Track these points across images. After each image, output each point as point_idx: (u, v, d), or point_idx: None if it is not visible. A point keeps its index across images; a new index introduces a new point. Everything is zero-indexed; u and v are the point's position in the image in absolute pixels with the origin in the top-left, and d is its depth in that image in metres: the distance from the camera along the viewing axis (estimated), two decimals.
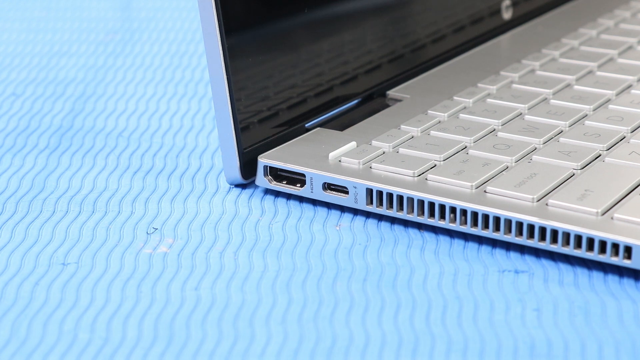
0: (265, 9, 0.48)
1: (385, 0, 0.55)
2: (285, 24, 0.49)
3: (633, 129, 0.48)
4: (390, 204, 0.43)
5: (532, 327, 0.36)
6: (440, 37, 0.58)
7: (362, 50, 0.53)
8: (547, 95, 0.53)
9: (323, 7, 0.51)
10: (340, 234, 0.43)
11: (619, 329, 0.36)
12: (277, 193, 0.47)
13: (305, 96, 0.49)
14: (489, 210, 0.41)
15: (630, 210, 0.40)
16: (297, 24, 0.50)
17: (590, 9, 0.67)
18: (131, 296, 0.39)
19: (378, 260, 0.41)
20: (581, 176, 0.43)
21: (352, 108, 0.52)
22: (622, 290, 0.39)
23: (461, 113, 0.50)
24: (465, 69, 0.56)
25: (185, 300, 0.38)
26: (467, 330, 0.36)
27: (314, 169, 0.45)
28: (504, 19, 0.63)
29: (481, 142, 0.47)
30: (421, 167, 0.44)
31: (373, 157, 0.45)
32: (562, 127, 0.48)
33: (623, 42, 0.60)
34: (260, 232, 0.43)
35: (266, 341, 0.36)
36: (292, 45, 0.49)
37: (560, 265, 0.40)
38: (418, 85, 0.54)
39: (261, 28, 0.47)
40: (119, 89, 0.60)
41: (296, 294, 0.39)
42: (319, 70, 0.50)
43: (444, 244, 0.42)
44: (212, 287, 0.39)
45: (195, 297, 0.39)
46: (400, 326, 0.37)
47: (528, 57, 0.58)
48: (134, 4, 0.76)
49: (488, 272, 0.40)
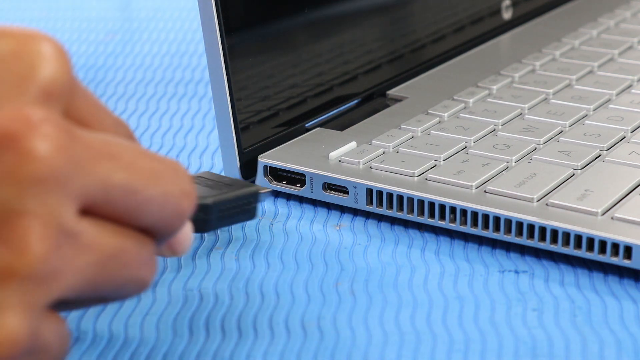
0: (265, 9, 0.48)
1: (385, 0, 0.55)
2: (285, 23, 0.49)
3: (633, 129, 0.48)
4: (390, 204, 0.43)
5: (533, 327, 0.36)
6: (440, 37, 0.58)
7: (362, 50, 0.53)
8: (547, 95, 0.53)
9: (323, 7, 0.51)
10: (341, 234, 0.43)
11: (619, 328, 0.36)
12: (277, 193, 0.47)
13: (305, 96, 0.49)
14: (489, 210, 0.41)
15: (631, 210, 0.40)
16: (297, 23, 0.49)
17: (590, 9, 0.67)
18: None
19: (379, 260, 0.41)
20: (581, 176, 0.43)
21: (352, 108, 0.52)
22: (622, 290, 0.39)
23: (461, 113, 0.50)
24: (466, 69, 0.56)
25: (187, 300, 0.38)
26: (468, 330, 0.36)
27: (314, 169, 0.45)
28: (504, 19, 0.63)
29: (481, 142, 0.47)
30: (421, 167, 0.44)
31: (373, 157, 0.45)
32: (562, 127, 0.48)
33: (623, 41, 0.60)
34: (261, 233, 0.43)
35: (269, 341, 0.36)
36: (292, 45, 0.49)
37: (561, 265, 0.40)
38: (418, 85, 0.54)
39: (261, 28, 0.47)
40: (119, 89, 0.60)
41: (298, 295, 0.39)
42: (319, 70, 0.50)
43: (445, 244, 0.42)
44: (213, 288, 0.39)
45: (197, 298, 0.39)
46: (401, 326, 0.37)
47: (528, 57, 0.58)
48: (134, 4, 0.76)
49: (489, 272, 0.40)
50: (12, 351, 0.26)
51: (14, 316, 0.26)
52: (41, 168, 0.26)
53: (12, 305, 0.26)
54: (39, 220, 0.26)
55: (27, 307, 0.27)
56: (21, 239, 0.26)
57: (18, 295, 0.26)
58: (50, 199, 0.26)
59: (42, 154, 0.26)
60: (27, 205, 0.26)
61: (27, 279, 0.26)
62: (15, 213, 0.26)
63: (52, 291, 0.27)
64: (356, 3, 0.53)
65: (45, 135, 0.26)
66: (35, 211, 0.26)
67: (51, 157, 0.26)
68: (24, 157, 0.25)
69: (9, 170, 0.25)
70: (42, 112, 0.26)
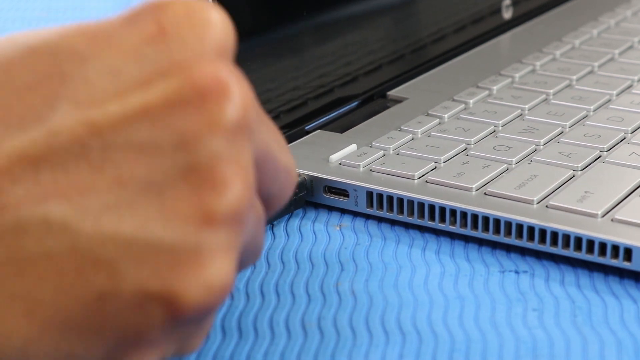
0: (265, 11, 0.48)
1: (385, 1, 0.55)
2: (286, 26, 0.49)
3: (633, 130, 0.48)
4: (390, 207, 0.43)
5: (533, 327, 0.36)
6: (440, 37, 0.58)
7: (362, 51, 0.53)
8: (548, 95, 0.53)
9: (323, 9, 0.51)
10: (342, 235, 0.43)
11: (620, 328, 0.36)
12: None
13: (306, 98, 0.50)
14: (489, 212, 0.41)
15: (631, 212, 0.40)
16: (298, 26, 0.50)
17: (590, 8, 0.67)
18: None
19: (379, 260, 0.41)
20: (581, 178, 0.43)
21: (352, 109, 0.52)
22: (623, 289, 0.39)
23: (462, 114, 0.50)
24: (466, 69, 0.57)
25: None
26: (468, 330, 0.36)
27: (314, 172, 0.45)
28: (504, 19, 0.63)
29: (482, 144, 0.47)
30: (422, 170, 0.44)
31: (373, 160, 0.45)
32: (562, 127, 0.49)
33: (624, 40, 0.60)
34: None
35: (269, 342, 0.36)
36: (292, 48, 0.49)
37: (561, 265, 0.40)
38: (418, 85, 0.55)
39: (262, 30, 0.47)
40: None
41: (299, 295, 0.39)
42: (319, 72, 0.50)
43: (445, 244, 0.42)
44: None
45: None
46: (402, 326, 0.37)
47: (528, 56, 0.58)
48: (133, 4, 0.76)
49: (489, 272, 0.40)
50: (222, 298, 0.27)
51: (224, 261, 0.27)
52: (241, 117, 0.27)
53: (221, 249, 0.27)
54: (238, 166, 0.27)
55: (232, 250, 0.27)
56: (225, 183, 0.26)
57: (224, 238, 0.27)
58: (246, 147, 0.27)
59: (240, 105, 0.27)
60: (228, 151, 0.27)
61: (232, 221, 0.27)
62: (218, 158, 0.26)
63: (243, 238, 0.28)
64: (356, 4, 0.53)
65: (239, 90, 0.27)
66: (234, 157, 0.27)
67: (246, 108, 0.27)
68: (226, 107, 0.27)
69: (212, 120, 0.26)
70: (229, 69, 0.27)
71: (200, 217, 0.26)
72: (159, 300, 0.26)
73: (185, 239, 0.26)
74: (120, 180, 0.26)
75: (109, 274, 0.25)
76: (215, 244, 0.26)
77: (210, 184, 0.26)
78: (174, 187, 0.26)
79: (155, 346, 0.27)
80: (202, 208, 0.26)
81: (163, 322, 0.26)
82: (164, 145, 0.26)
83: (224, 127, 0.27)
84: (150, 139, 0.26)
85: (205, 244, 0.26)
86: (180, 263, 0.26)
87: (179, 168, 0.26)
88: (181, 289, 0.26)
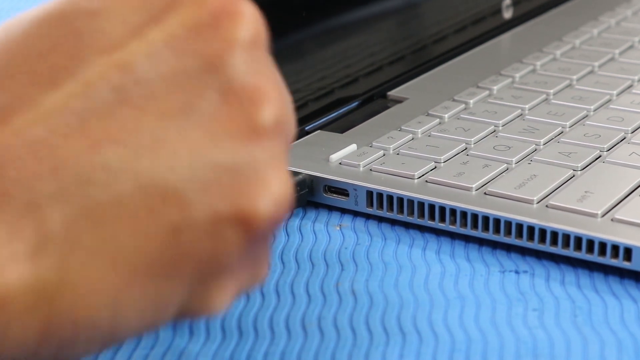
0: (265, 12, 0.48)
1: (385, 1, 0.55)
2: (285, 27, 0.49)
3: (633, 130, 0.48)
4: (390, 207, 0.43)
5: (533, 327, 0.36)
6: (440, 37, 0.58)
7: (362, 51, 0.53)
8: (548, 95, 0.53)
9: (322, 10, 0.51)
10: (342, 234, 0.43)
11: (620, 328, 0.36)
12: None
13: (306, 99, 0.50)
14: (489, 212, 0.41)
15: (631, 212, 0.40)
16: (297, 27, 0.50)
17: (591, 7, 0.67)
18: None
19: (380, 260, 0.41)
20: (581, 177, 0.43)
21: (353, 110, 0.52)
22: (623, 289, 0.39)
23: (462, 114, 0.50)
24: (466, 69, 0.57)
25: None
26: (469, 330, 0.36)
27: (315, 172, 0.45)
28: (505, 19, 0.63)
29: (482, 143, 0.47)
30: (422, 169, 0.44)
31: (373, 160, 0.45)
32: (562, 127, 0.49)
33: (624, 40, 0.60)
34: None
35: (269, 342, 0.36)
36: (292, 49, 0.49)
37: (562, 265, 0.40)
38: (419, 85, 0.55)
39: None
40: None
41: (299, 295, 0.39)
42: (319, 73, 0.50)
43: (446, 244, 0.42)
44: None
45: None
46: (402, 326, 0.37)
47: (529, 56, 0.58)
48: None
49: (489, 271, 0.40)
50: (288, 206, 0.27)
51: (280, 170, 0.27)
52: (255, 33, 0.28)
53: (275, 159, 0.27)
54: (266, 76, 0.28)
55: (284, 158, 0.28)
56: (261, 95, 0.27)
57: (275, 148, 0.27)
58: (268, 59, 0.28)
59: (253, 21, 0.28)
60: (253, 65, 0.28)
61: (277, 129, 0.27)
62: (247, 73, 0.27)
63: (287, 147, 0.29)
64: (355, 5, 0.53)
65: (250, 9, 0.28)
66: (260, 69, 0.28)
67: (258, 25, 0.28)
68: (240, 23, 0.28)
69: (229, 37, 0.27)
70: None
71: (248, 133, 0.27)
72: (233, 221, 0.26)
73: (240, 158, 0.26)
74: (162, 113, 0.26)
75: (179, 205, 0.25)
76: (269, 155, 0.27)
77: (247, 99, 0.27)
78: (215, 109, 0.27)
79: (233, 276, 0.27)
80: (248, 124, 0.27)
81: (238, 244, 0.26)
82: (193, 71, 0.27)
83: (242, 43, 0.27)
84: (178, 68, 0.26)
85: (260, 158, 0.27)
86: (243, 181, 0.26)
87: (214, 90, 0.27)
88: (251, 207, 0.26)
